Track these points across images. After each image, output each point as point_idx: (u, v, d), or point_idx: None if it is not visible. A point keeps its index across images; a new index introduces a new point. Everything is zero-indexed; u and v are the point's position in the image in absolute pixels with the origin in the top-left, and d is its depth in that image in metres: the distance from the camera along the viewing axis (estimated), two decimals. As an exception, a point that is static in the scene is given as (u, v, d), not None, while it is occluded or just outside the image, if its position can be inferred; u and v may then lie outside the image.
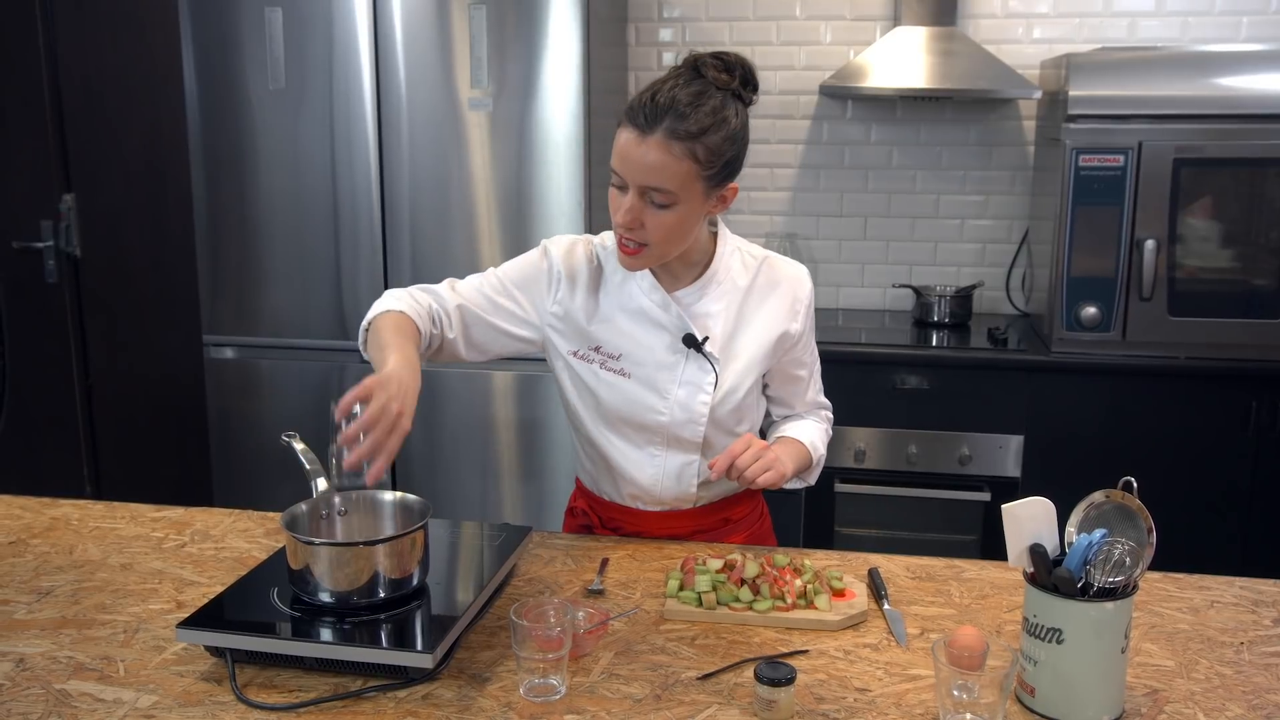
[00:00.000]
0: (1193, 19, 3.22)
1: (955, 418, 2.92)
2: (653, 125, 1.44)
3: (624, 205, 1.49)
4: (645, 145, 1.45)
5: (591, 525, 1.77)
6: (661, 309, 1.64)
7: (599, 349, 1.66)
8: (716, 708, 1.21)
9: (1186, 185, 2.78)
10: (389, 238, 2.96)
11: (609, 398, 1.66)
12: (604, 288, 1.67)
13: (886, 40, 3.16)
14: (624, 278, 1.66)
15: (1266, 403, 2.79)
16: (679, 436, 1.66)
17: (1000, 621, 1.43)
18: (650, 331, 1.64)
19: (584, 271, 1.67)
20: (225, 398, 3.12)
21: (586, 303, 1.66)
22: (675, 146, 1.45)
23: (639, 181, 1.47)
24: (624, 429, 1.67)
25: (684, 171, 1.46)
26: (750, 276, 1.67)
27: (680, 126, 1.44)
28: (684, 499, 1.70)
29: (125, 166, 3.45)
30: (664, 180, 1.46)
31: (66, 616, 1.43)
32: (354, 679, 1.26)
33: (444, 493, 3.04)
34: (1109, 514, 1.24)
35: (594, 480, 1.77)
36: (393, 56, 2.87)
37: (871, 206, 3.48)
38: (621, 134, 1.48)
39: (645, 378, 1.64)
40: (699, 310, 1.65)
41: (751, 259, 1.69)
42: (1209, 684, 1.27)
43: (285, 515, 1.38)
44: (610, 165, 1.51)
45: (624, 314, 1.65)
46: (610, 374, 1.65)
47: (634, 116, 1.47)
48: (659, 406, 1.64)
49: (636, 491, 1.70)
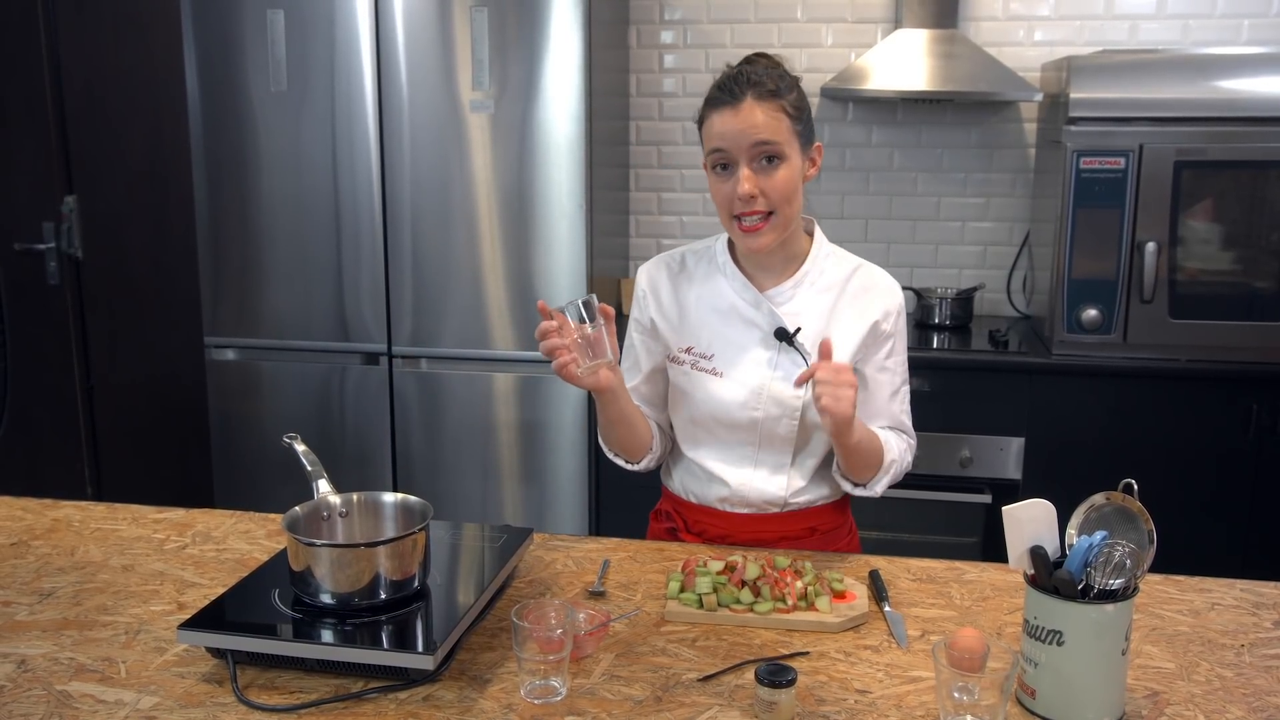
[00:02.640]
0: (1194, 22, 3.22)
1: (956, 420, 2.92)
2: (740, 95, 1.53)
3: (740, 177, 1.54)
4: (742, 111, 1.53)
5: (677, 529, 1.76)
6: (753, 306, 1.66)
7: (690, 350, 1.69)
8: (717, 709, 1.21)
9: (1187, 188, 2.78)
10: (390, 239, 2.96)
11: (702, 398, 1.67)
12: (691, 290, 1.71)
13: (887, 43, 3.16)
14: (713, 280, 1.70)
15: (1267, 405, 2.78)
16: (773, 433, 1.66)
17: (1001, 623, 1.43)
18: (742, 329, 1.67)
19: (664, 281, 1.73)
20: (227, 399, 3.12)
21: (673, 307, 1.71)
22: (768, 104, 1.54)
23: (748, 143, 1.53)
24: (717, 429, 1.68)
25: (783, 126, 1.54)
26: (844, 278, 1.69)
27: (764, 89, 1.54)
28: (773, 502, 1.70)
29: (127, 168, 3.45)
30: (770, 132, 1.53)
31: (68, 618, 1.43)
32: (355, 680, 1.26)
33: (446, 494, 3.04)
34: (1110, 516, 1.24)
35: (682, 484, 1.77)
36: (394, 59, 2.87)
37: (872, 209, 3.48)
38: (712, 120, 1.56)
39: (738, 375, 1.66)
40: (791, 309, 1.66)
41: (846, 263, 1.71)
42: (1210, 686, 1.27)
43: (286, 517, 1.38)
44: (709, 152, 1.57)
45: (715, 314, 1.68)
46: (702, 374, 1.67)
47: (719, 100, 1.55)
48: (753, 403, 1.65)
49: (726, 494, 1.70)
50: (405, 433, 3.05)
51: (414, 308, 2.98)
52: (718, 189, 1.58)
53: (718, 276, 1.70)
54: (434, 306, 2.97)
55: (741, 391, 1.65)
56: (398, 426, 3.05)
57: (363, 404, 3.05)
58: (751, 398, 1.65)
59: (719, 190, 1.58)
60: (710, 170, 1.59)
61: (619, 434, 1.69)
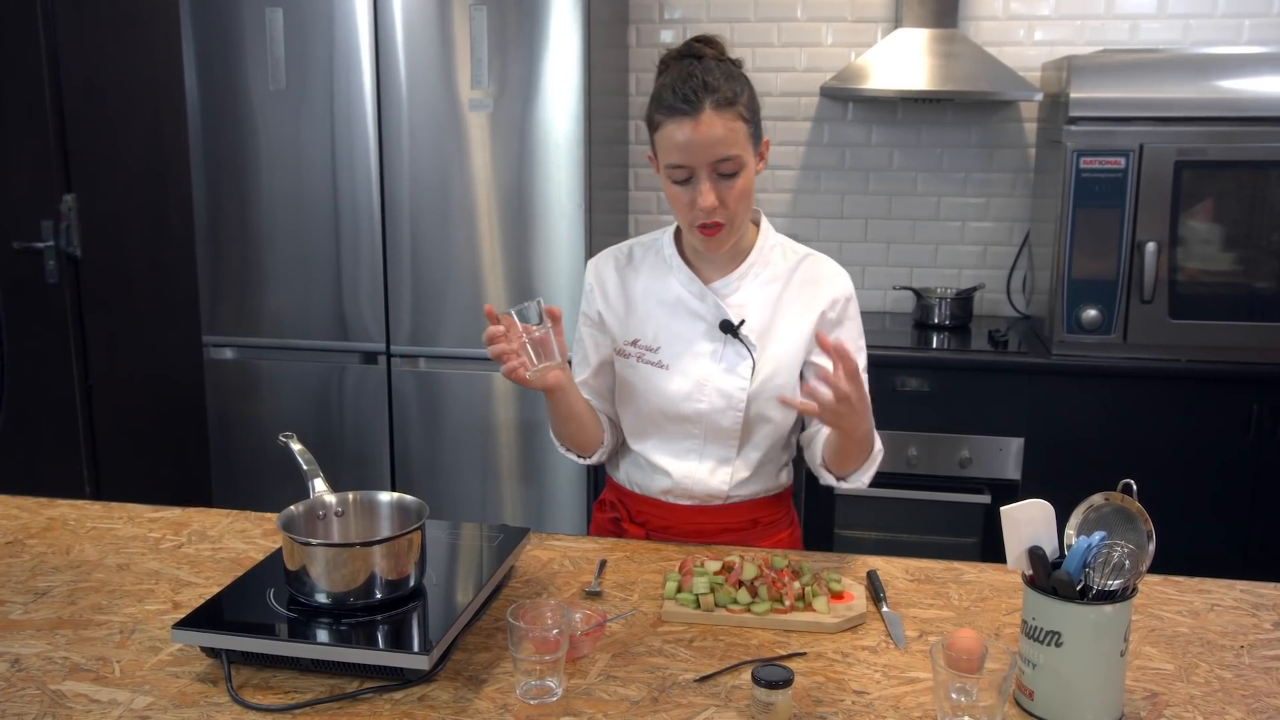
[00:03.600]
0: (1194, 21, 3.22)
1: (955, 420, 2.92)
2: (699, 106, 1.52)
3: (701, 190, 1.54)
4: (702, 124, 1.52)
5: (620, 519, 1.78)
6: (698, 299, 1.68)
7: (636, 342, 1.70)
8: (714, 710, 1.20)
9: (1188, 188, 2.78)
10: (389, 238, 2.95)
11: (647, 390, 1.69)
12: (638, 282, 1.72)
13: (887, 42, 3.16)
14: (661, 273, 1.71)
15: (1267, 406, 2.78)
16: (718, 426, 1.67)
17: (999, 624, 1.43)
18: (688, 321, 1.68)
19: (611, 274, 1.75)
20: (225, 398, 3.12)
21: (620, 300, 1.73)
22: (726, 114, 1.53)
23: (709, 159, 1.53)
24: (663, 421, 1.70)
25: (741, 133, 1.55)
26: (790, 268, 1.71)
27: (721, 96, 1.52)
28: (715, 495, 1.71)
29: (126, 167, 3.45)
30: (730, 147, 1.53)
31: (62, 617, 1.43)
32: (350, 680, 1.25)
33: (444, 494, 3.03)
34: (1108, 516, 1.24)
35: (627, 475, 1.78)
36: (393, 57, 2.86)
37: (872, 208, 3.48)
38: (669, 130, 1.54)
39: (683, 367, 1.67)
40: (736, 300, 1.68)
41: (793, 254, 1.73)
42: (1209, 687, 1.27)
43: (282, 516, 1.37)
44: (667, 165, 1.57)
45: (662, 306, 1.70)
46: (648, 366, 1.69)
47: (674, 110, 1.53)
48: (697, 395, 1.66)
49: (669, 485, 1.72)
50: (404, 432, 3.05)
51: (413, 307, 2.98)
52: (676, 195, 1.58)
53: (665, 269, 1.72)
54: (433, 306, 2.97)
55: (686, 384, 1.67)
56: (396, 426, 3.05)
57: (361, 403, 3.05)
58: (696, 390, 1.66)
59: (678, 198, 1.58)
60: (667, 177, 1.59)
61: (570, 430, 1.72)
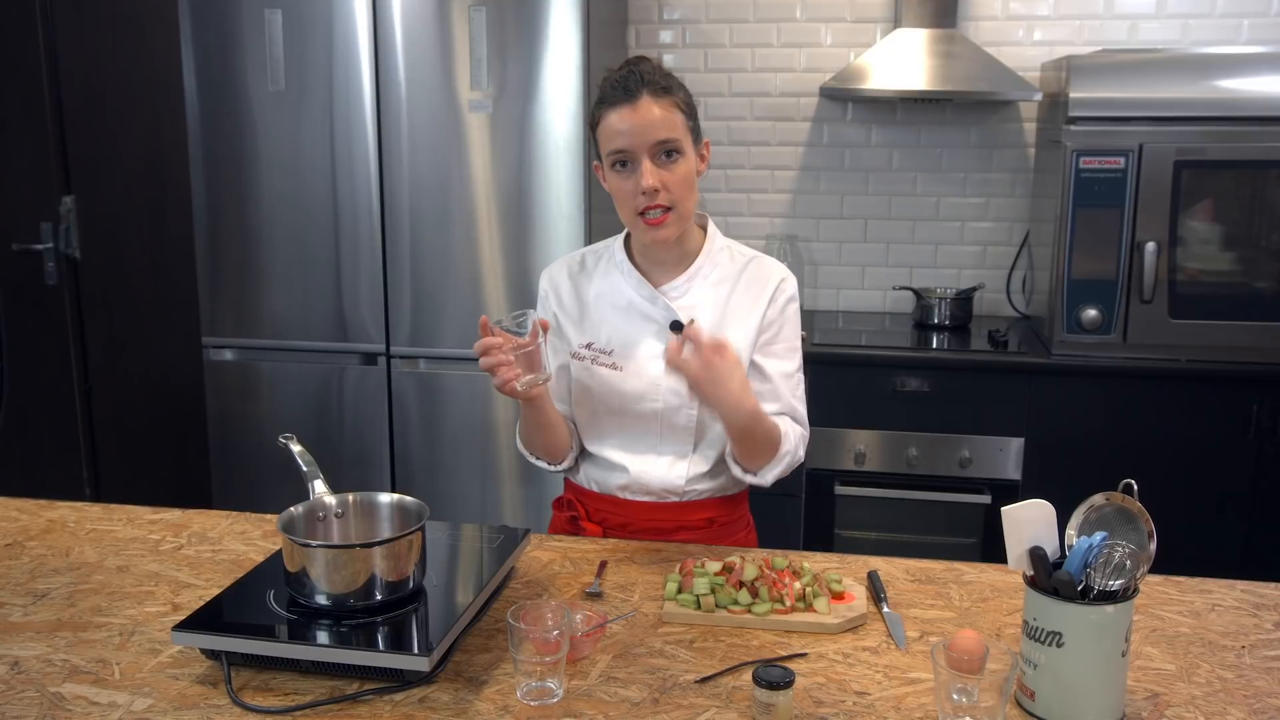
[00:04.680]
0: (1193, 21, 3.22)
1: (955, 420, 2.92)
2: (636, 93, 1.58)
3: (641, 173, 1.58)
4: (640, 108, 1.57)
5: (578, 517, 1.80)
6: (649, 301, 1.72)
7: (590, 345, 1.74)
8: (715, 711, 1.20)
9: (1187, 187, 2.78)
10: (389, 240, 2.95)
11: (603, 392, 1.72)
12: (591, 287, 1.77)
13: (887, 42, 3.16)
14: (612, 278, 1.75)
15: (1268, 405, 2.78)
16: (673, 423, 1.71)
17: (1000, 625, 1.43)
18: (639, 324, 1.72)
19: (565, 280, 1.79)
20: (225, 400, 3.12)
21: (573, 304, 1.77)
22: (663, 101, 1.59)
23: (649, 140, 1.58)
24: (620, 421, 1.73)
25: (678, 121, 1.60)
26: (737, 270, 1.75)
27: (657, 86, 1.59)
28: (671, 491, 1.73)
29: (125, 168, 3.45)
30: (669, 130, 1.59)
31: (62, 619, 1.43)
32: (350, 682, 1.25)
33: (444, 495, 3.03)
34: (1109, 517, 1.24)
35: (585, 473, 1.81)
36: (392, 58, 2.86)
37: (872, 209, 3.47)
38: (609, 117, 1.60)
39: (636, 369, 1.71)
40: (685, 302, 1.72)
41: (740, 256, 1.77)
42: (1210, 688, 1.27)
43: (281, 517, 1.37)
44: (609, 153, 1.61)
45: (614, 310, 1.74)
46: (603, 369, 1.72)
47: (613, 98, 1.59)
48: (651, 394, 1.70)
49: (626, 481, 1.74)
50: (404, 433, 3.04)
51: (412, 308, 2.97)
52: (619, 187, 1.62)
53: (615, 274, 1.76)
54: (432, 306, 2.97)
55: (640, 383, 1.70)
56: (396, 427, 3.04)
57: (361, 404, 3.04)
58: (650, 389, 1.70)
59: (621, 188, 1.62)
60: (610, 169, 1.63)
61: (544, 438, 1.74)
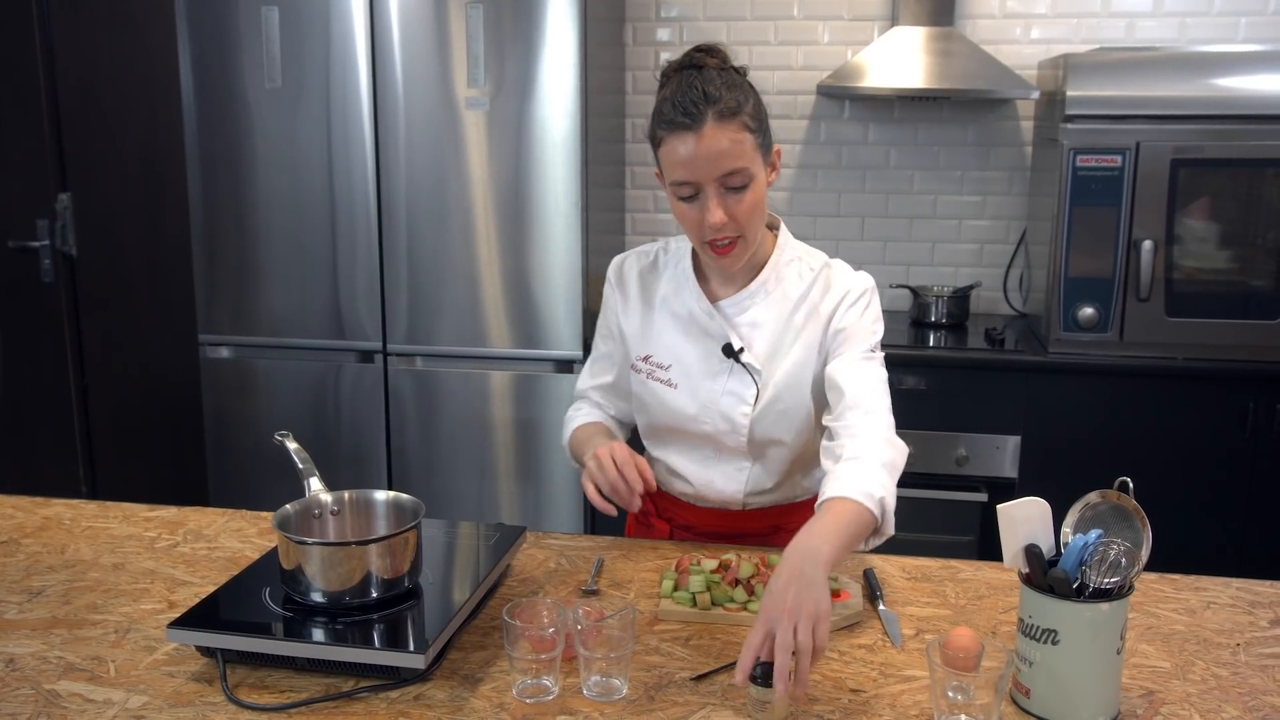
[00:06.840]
0: (1191, 19, 3.22)
1: (952, 418, 2.92)
2: (700, 119, 1.44)
3: (709, 207, 1.48)
4: (705, 137, 1.45)
5: (649, 512, 1.79)
6: (707, 317, 1.63)
7: (648, 358, 1.68)
8: (710, 708, 1.20)
9: (1184, 186, 2.78)
10: (386, 237, 2.95)
11: (658, 407, 1.67)
12: (658, 295, 1.69)
13: (884, 40, 3.16)
14: (678, 285, 1.67)
15: (1263, 404, 2.78)
16: (724, 444, 1.66)
17: (996, 622, 1.43)
18: (697, 340, 1.65)
19: (634, 284, 1.71)
20: (221, 398, 3.12)
21: (640, 313, 1.70)
22: (730, 125, 1.45)
23: (716, 174, 1.46)
24: (677, 435, 1.69)
25: (748, 144, 1.47)
26: (805, 285, 1.63)
27: (724, 107, 1.45)
28: (732, 502, 1.70)
29: (121, 166, 3.44)
30: (737, 160, 1.46)
31: (57, 616, 1.42)
32: (346, 679, 1.25)
33: (441, 493, 3.03)
34: (1105, 515, 1.24)
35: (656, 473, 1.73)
36: (390, 56, 2.86)
37: (869, 207, 3.47)
38: (672, 145, 1.47)
39: (690, 388, 1.65)
40: (745, 320, 1.63)
41: (809, 269, 1.64)
42: (1205, 685, 1.27)
43: (277, 515, 1.37)
44: (672, 182, 1.50)
45: (675, 322, 1.67)
46: (658, 384, 1.67)
47: (676, 124, 1.46)
48: (703, 417, 1.64)
49: (689, 491, 1.72)
50: (400, 431, 3.04)
51: (409, 305, 2.97)
52: (684, 214, 1.51)
53: (683, 282, 1.67)
54: (429, 304, 2.96)
55: (693, 405, 1.64)
56: (393, 425, 3.04)
57: (358, 402, 3.04)
58: (702, 412, 1.64)
59: (686, 215, 1.51)
60: (674, 196, 1.52)
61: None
